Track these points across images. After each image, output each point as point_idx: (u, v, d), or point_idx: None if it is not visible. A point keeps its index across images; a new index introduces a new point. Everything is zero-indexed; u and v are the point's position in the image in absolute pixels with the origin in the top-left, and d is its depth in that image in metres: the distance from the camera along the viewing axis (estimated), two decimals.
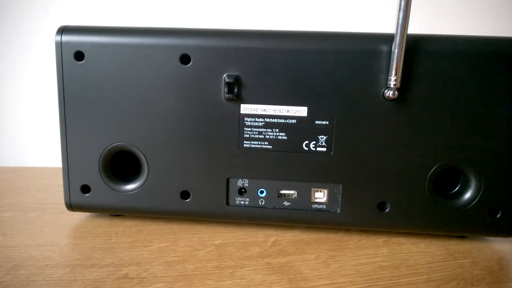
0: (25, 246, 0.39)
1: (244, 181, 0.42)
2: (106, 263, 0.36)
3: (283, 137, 0.40)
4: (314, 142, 0.40)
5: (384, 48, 0.38)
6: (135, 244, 0.40)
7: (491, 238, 0.44)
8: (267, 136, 0.41)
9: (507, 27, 0.74)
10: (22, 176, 0.65)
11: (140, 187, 0.43)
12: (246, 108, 0.40)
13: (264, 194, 0.42)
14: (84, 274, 0.35)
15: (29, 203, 0.52)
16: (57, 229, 0.44)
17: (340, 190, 0.41)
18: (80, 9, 0.70)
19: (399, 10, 0.35)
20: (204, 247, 0.40)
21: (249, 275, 0.35)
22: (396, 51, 0.36)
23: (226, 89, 0.39)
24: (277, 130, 0.40)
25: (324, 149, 0.40)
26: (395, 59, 0.36)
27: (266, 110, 0.40)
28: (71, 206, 0.44)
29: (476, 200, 0.40)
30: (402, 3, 0.35)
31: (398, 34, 0.36)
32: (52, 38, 0.45)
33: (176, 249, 0.39)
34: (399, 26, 0.36)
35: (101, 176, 0.43)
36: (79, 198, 0.43)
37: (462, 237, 0.44)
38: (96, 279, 0.34)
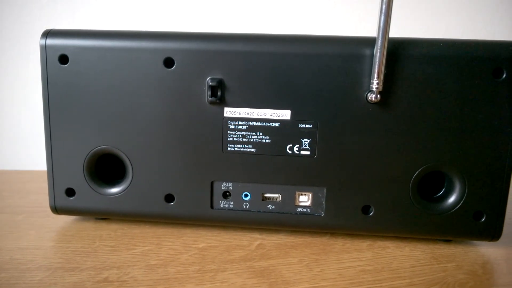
0: (9, 249, 0.39)
1: (228, 184, 0.42)
2: (87, 266, 0.36)
3: (266, 141, 0.40)
4: (298, 145, 0.40)
5: (367, 51, 0.38)
6: (118, 247, 0.40)
7: (477, 242, 0.43)
8: (251, 140, 0.40)
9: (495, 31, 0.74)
10: (12, 179, 0.65)
11: (124, 190, 0.43)
12: (229, 112, 0.40)
13: (248, 198, 0.42)
14: (64, 278, 0.34)
15: (17, 206, 0.52)
16: (42, 233, 0.44)
17: (324, 193, 0.41)
18: (69, 13, 0.70)
19: (381, 14, 0.36)
20: (188, 251, 0.40)
21: (230, 278, 0.35)
22: (378, 54, 0.36)
23: (209, 92, 0.39)
24: (260, 134, 0.40)
25: (308, 152, 0.40)
26: (377, 63, 0.36)
27: (249, 114, 0.40)
28: (56, 210, 0.44)
29: (460, 204, 0.40)
30: (384, 6, 0.35)
31: (380, 38, 0.36)
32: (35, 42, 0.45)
33: (159, 253, 0.39)
34: (381, 30, 0.36)
35: (85, 179, 0.43)
36: (64, 201, 0.43)
37: (448, 241, 0.43)
38: (75, 283, 0.34)
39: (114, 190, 0.43)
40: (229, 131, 0.40)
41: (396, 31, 0.43)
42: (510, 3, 0.75)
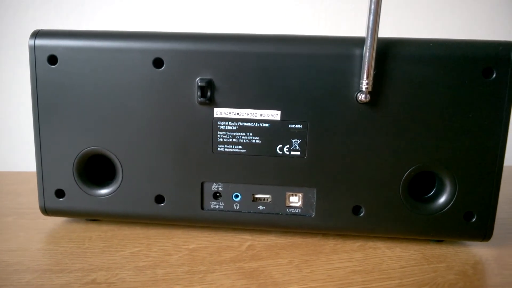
0: None
1: (219, 185, 0.42)
2: (75, 268, 0.36)
3: (256, 141, 0.40)
4: (288, 146, 0.40)
5: (357, 51, 0.38)
6: (108, 249, 0.40)
7: (469, 242, 0.43)
8: (241, 140, 0.40)
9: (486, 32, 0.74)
10: (3, 181, 0.65)
11: (114, 191, 0.42)
12: (219, 112, 0.40)
13: (239, 198, 0.42)
14: (52, 279, 0.34)
15: (8, 208, 0.51)
16: (31, 234, 0.43)
17: (315, 194, 0.41)
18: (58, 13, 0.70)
19: (369, 14, 0.35)
20: (178, 252, 0.40)
21: (219, 280, 0.35)
22: (367, 54, 0.36)
23: (199, 93, 0.39)
24: (250, 134, 0.40)
25: (298, 153, 0.40)
26: (366, 63, 0.36)
27: (239, 114, 0.40)
28: (46, 211, 0.44)
29: (451, 204, 0.40)
30: (372, 6, 0.35)
31: (369, 38, 0.36)
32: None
33: (148, 254, 0.39)
34: (370, 30, 0.36)
35: (75, 181, 0.42)
36: (53, 202, 0.43)
37: (439, 241, 0.43)
38: (63, 284, 0.33)
39: (104, 191, 0.43)
40: (219, 132, 0.40)
41: (392, 31, 0.43)
42: (506, 3, 0.75)
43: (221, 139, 0.40)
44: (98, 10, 0.70)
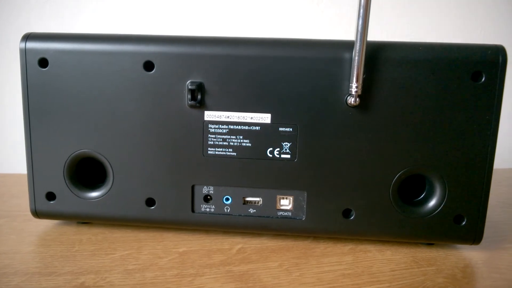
0: None
1: (209, 188, 0.42)
2: (64, 271, 0.36)
3: (247, 144, 0.40)
4: (278, 149, 0.40)
5: (347, 55, 0.38)
6: (98, 252, 0.40)
7: (459, 246, 0.43)
8: (231, 143, 0.40)
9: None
10: None
11: (105, 194, 0.42)
12: (210, 115, 0.40)
13: (229, 201, 0.42)
14: (40, 282, 0.34)
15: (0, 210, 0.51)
16: (22, 237, 0.43)
17: (305, 197, 0.41)
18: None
19: (358, 18, 0.36)
20: (168, 255, 0.40)
21: (207, 283, 0.35)
22: (357, 58, 0.36)
23: (189, 96, 0.39)
24: (241, 137, 0.40)
25: (288, 156, 0.40)
26: (356, 66, 0.36)
27: (230, 117, 0.40)
28: (37, 214, 0.44)
29: (441, 208, 0.40)
30: (361, 10, 0.35)
31: (358, 41, 0.36)
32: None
33: (138, 257, 0.39)
34: (359, 34, 0.36)
35: (66, 183, 0.42)
36: (44, 205, 0.43)
37: (430, 245, 0.43)
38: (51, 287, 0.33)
39: (95, 194, 0.43)
40: (209, 135, 0.40)
41: (382, 35, 0.43)
42: (499, 7, 0.76)
43: (212, 142, 0.40)
44: (92, 13, 0.70)
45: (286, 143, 0.40)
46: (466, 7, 0.75)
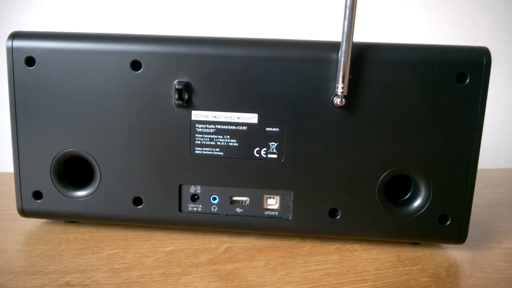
0: None
1: (197, 187, 0.42)
2: (50, 270, 0.36)
3: (234, 144, 0.40)
4: (265, 149, 0.40)
5: (333, 56, 0.38)
6: (84, 251, 0.40)
7: (444, 245, 0.44)
8: (219, 143, 0.41)
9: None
10: None
11: (92, 193, 0.42)
12: (197, 115, 0.40)
13: (216, 201, 0.42)
14: (26, 282, 0.34)
15: None
16: (9, 236, 0.43)
17: (292, 197, 0.41)
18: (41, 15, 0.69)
19: (344, 19, 0.36)
20: (154, 254, 0.40)
21: (193, 282, 0.35)
22: (343, 59, 0.37)
23: (176, 96, 0.39)
24: (228, 137, 0.40)
25: (275, 156, 0.40)
26: (342, 67, 0.37)
27: (217, 117, 0.40)
28: (23, 213, 0.44)
29: (425, 207, 0.40)
30: (347, 11, 0.36)
31: (344, 42, 0.36)
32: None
33: (125, 256, 0.39)
34: (345, 35, 0.36)
35: (53, 182, 0.42)
36: (31, 204, 0.43)
37: (416, 244, 0.44)
38: (36, 286, 0.33)
39: (82, 193, 0.43)
40: (196, 135, 0.40)
41: (368, 36, 0.43)
42: (489, 8, 0.76)
43: (199, 142, 0.41)
44: (80, 12, 0.70)
45: (273, 143, 0.40)
46: (456, 9, 0.75)
